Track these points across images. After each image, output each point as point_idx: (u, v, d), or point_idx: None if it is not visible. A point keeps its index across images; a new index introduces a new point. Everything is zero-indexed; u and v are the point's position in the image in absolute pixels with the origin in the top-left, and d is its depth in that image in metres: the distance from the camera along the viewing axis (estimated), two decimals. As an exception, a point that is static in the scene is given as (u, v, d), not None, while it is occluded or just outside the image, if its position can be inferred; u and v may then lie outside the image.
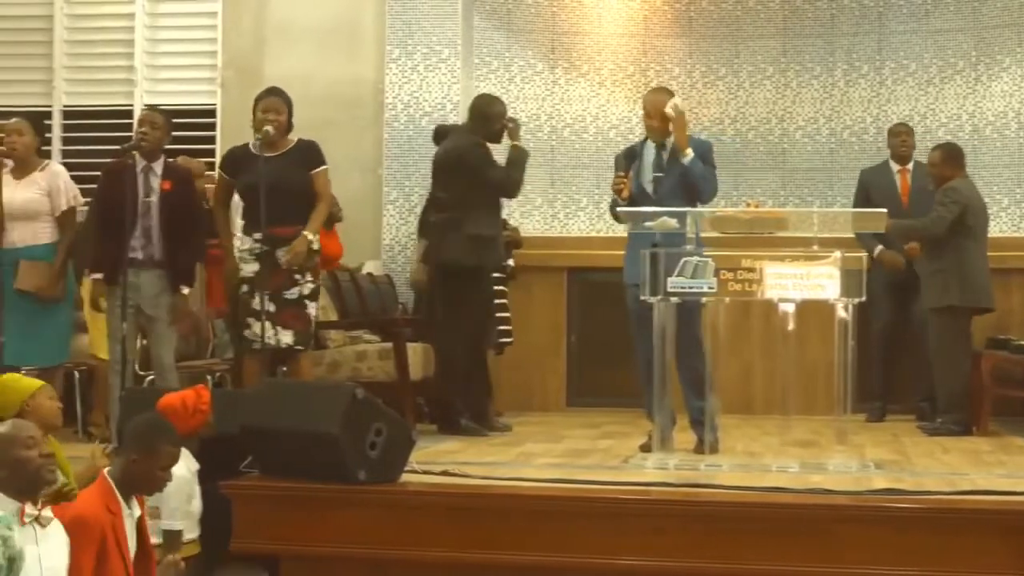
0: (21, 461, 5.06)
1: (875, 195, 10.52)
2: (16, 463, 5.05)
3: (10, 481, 5.05)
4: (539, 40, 12.24)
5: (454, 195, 9.54)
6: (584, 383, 11.62)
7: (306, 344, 8.59)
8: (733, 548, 6.44)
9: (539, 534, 6.62)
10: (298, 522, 6.84)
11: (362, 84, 11.89)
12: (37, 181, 9.05)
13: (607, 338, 11.11)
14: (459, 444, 8.90)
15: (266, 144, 8.49)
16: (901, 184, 10.77)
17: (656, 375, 7.74)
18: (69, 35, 12.33)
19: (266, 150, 8.50)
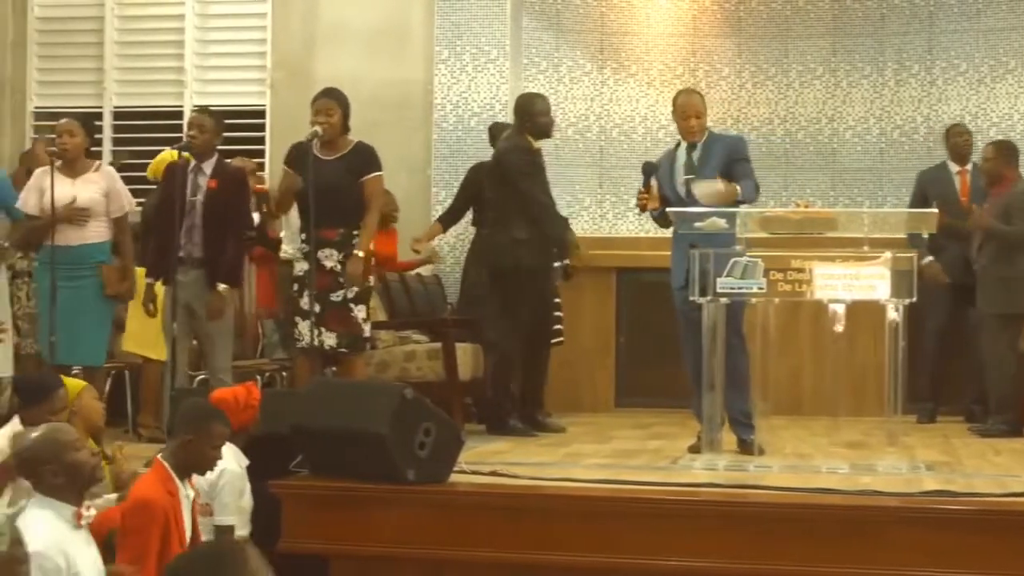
0: (76, 464, 5.10)
1: (934, 197, 10.39)
2: (72, 467, 5.08)
3: (67, 486, 5.07)
4: (588, 40, 12.24)
5: (497, 197, 9.60)
6: (633, 383, 11.61)
7: (352, 347, 8.58)
8: (782, 550, 6.42)
9: (587, 535, 6.61)
10: (347, 522, 6.86)
11: (411, 85, 11.91)
12: (95, 181, 9.05)
13: (656, 338, 11.08)
14: (507, 444, 8.91)
15: (323, 145, 8.53)
16: (960, 185, 10.67)
17: (704, 376, 7.72)
18: (120, 36, 12.40)
19: (324, 151, 8.53)
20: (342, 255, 8.52)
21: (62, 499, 5.05)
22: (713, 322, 7.67)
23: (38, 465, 5.10)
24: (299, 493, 6.96)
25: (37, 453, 5.14)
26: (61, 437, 5.19)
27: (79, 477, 5.11)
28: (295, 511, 6.91)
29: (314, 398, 7.33)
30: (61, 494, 5.06)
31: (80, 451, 5.15)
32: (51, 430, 5.31)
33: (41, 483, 5.10)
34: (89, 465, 5.15)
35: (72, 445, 5.14)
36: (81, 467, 5.11)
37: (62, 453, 5.09)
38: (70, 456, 5.10)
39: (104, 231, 9.07)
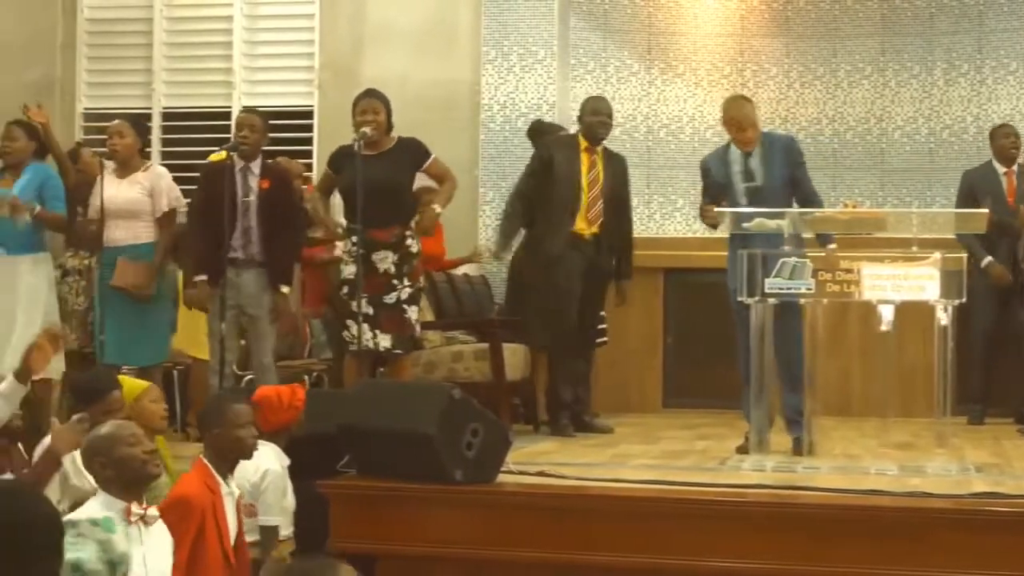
0: (125, 459, 5.14)
1: (981, 197, 10.34)
2: (121, 461, 5.13)
3: (117, 480, 5.12)
4: (635, 40, 12.23)
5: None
6: (681, 384, 11.60)
7: (406, 348, 8.64)
8: (830, 552, 6.40)
9: (634, 535, 6.61)
10: (394, 522, 6.87)
11: (458, 85, 11.92)
12: (140, 181, 9.12)
13: (704, 339, 11.08)
14: (554, 444, 8.91)
15: (368, 145, 8.55)
16: (1008, 186, 10.61)
17: (753, 376, 7.71)
18: (168, 37, 12.46)
19: (369, 151, 8.55)
20: (398, 256, 8.56)
21: (113, 493, 5.10)
22: (761, 323, 7.65)
23: (91, 457, 5.19)
24: (347, 493, 6.98)
25: (92, 446, 5.22)
26: (117, 432, 5.23)
27: (127, 472, 5.14)
28: (343, 511, 6.93)
29: (362, 398, 7.35)
30: (111, 488, 5.12)
31: (133, 447, 5.18)
32: (112, 425, 5.37)
33: (96, 476, 5.18)
34: (138, 461, 5.17)
35: (125, 440, 5.17)
36: (129, 462, 5.14)
37: (113, 447, 5.15)
38: (120, 451, 5.14)
39: (151, 231, 9.12)
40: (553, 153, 9.71)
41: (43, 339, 5.90)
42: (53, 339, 5.94)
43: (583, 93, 10.90)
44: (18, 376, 5.78)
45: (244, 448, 6.10)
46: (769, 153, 8.37)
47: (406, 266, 8.61)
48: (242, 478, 6.59)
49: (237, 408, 6.15)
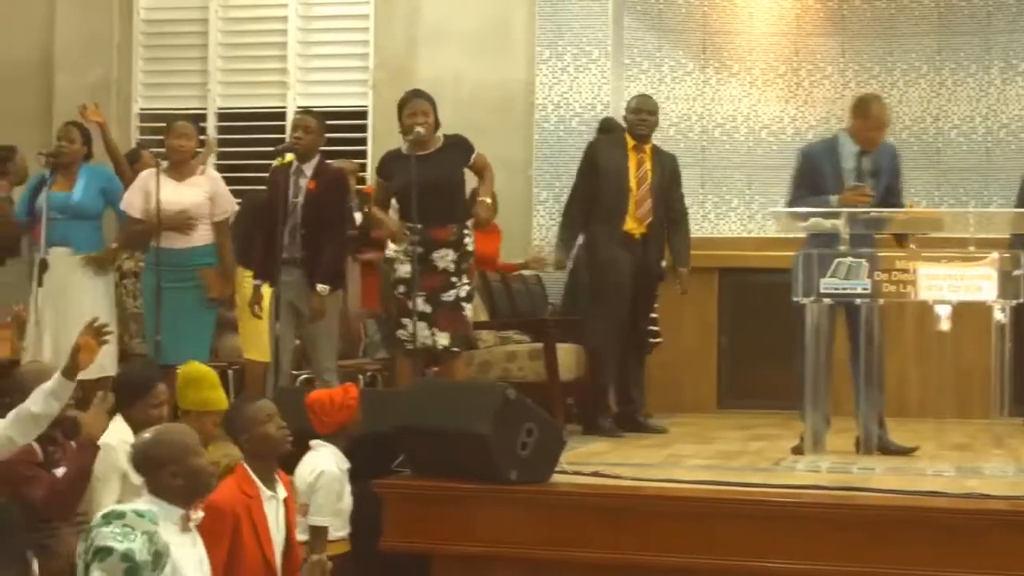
0: (196, 470, 5.10)
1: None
2: (192, 472, 5.08)
3: (183, 489, 5.07)
4: (690, 40, 12.20)
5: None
6: (735, 384, 11.56)
7: (462, 346, 8.68)
8: (886, 553, 6.38)
9: (689, 536, 6.61)
10: (449, 521, 6.89)
11: (512, 85, 11.93)
12: (201, 184, 9.12)
13: (759, 339, 11.05)
14: (608, 445, 8.91)
15: (416, 145, 8.57)
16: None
17: (808, 376, 7.69)
18: (224, 38, 12.51)
19: (416, 150, 8.57)
20: (457, 254, 8.59)
21: (173, 501, 5.04)
22: (816, 323, 7.63)
23: (159, 465, 5.07)
24: (401, 493, 7.01)
25: (160, 453, 5.11)
26: (185, 440, 5.17)
27: (197, 483, 5.11)
28: (397, 510, 6.95)
29: (416, 398, 7.38)
30: (174, 496, 5.05)
31: (201, 456, 5.15)
32: (175, 431, 5.31)
33: (157, 483, 5.08)
34: (207, 472, 5.16)
35: (194, 450, 5.13)
36: (200, 473, 5.11)
37: (185, 456, 5.08)
38: (193, 461, 5.09)
39: (208, 234, 9.12)
40: (598, 153, 9.72)
41: (87, 335, 5.92)
42: (97, 333, 5.95)
43: (637, 93, 10.87)
44: (65, 372, 5.80)
45: (274, 443, 6.01)
46: (881, 157, 8.35)
47: (464, 264, 8.65)
48: (299, 478, 6.62)
49: (255, 407, 6.12)
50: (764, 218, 11.81)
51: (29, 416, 5.72)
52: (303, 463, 6.67)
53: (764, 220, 11.81)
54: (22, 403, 5.95)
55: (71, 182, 9.26)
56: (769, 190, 11.92)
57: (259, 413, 6.02)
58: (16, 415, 5.76)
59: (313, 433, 6.76)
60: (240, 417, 6.04)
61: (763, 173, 12.04)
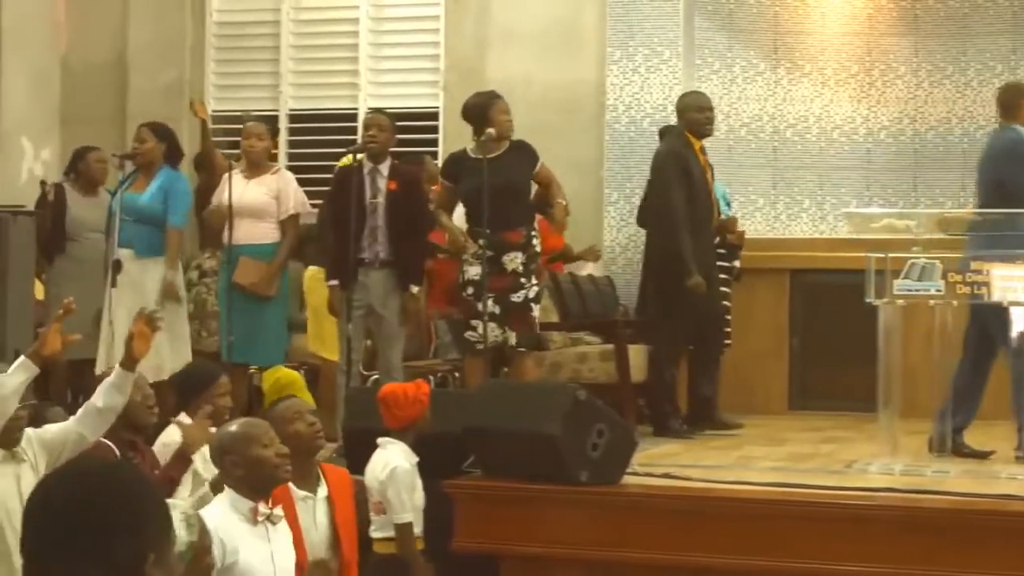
0: (259, 460, 5.15)
1: None
2: (253, 462, 5.14)
3: (246, 480, 5.14)
4: (761, 40, 12.15)
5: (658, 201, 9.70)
6: (807, 386, 11.50)
7: (530, 345, 8.69)
8: (960, 558, 6.33)
9: (759, 539, 6.58)
10: (519, 522, 6.90)
11: (583, 86, 11.91)
12: (267, 183, 9.18)
13: (831, 341, 10.99)
14: (678, 446, 8.89)
15: (484, 148, 8.58)
16: None
17: (881, 377, 7.63)
18: (295, 39, 12.57)
19: (486, 152, 8.57)
20: (526, 256, 8.59)
21: (241, 492, 5.12)
22: (889, 324, 7.58)
23: (223, 455, 5.20)
24: (471, 493, 7.02)
25: (224, 443, 5.24)
26: (250, 431, 5.25)
27: (259, 473, 5.16)
28: (467, 511, 6.96)
29: (486, 399, 7.39)
30: (240, 487, 5.13)
31: (267, 448, 5.19)
32: (247, 422, 5.40)
33: (224, 473, 5.20)
34: (271, 464, 5.19)
35: (259, 440, 5.19)
36: (262, 464, 5.16)
37: (246, 446, 5.16)
38: (254, 451, 5.16)
39: (274, 232, 9.18)
40: (688, 160, 9.63)
41: (140, 324, 5.94)
42: (148, 321, 5.97)
43: (709, 93, 10.83)
44: (124, 364, 5.83)
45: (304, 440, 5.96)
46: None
47: (532, 265, 8.67)
48: (371, 476, 6.64)
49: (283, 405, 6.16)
50: (836, 219, 11.75)
51: (95, 411, 5.76)
52: (373, 461, 6.70)
53: (836, 221, 11.74)
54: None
55: (147, 184, 9.29)
56: (841, 191, 11.86)
57: (287, 411, 6.03)
58: (84, 411, 5.81)
59: (384, 432, 6.77)
60: (269, 417, 6.05)
61: (835, 174, 11.98)
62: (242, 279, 9.02)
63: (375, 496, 6.63)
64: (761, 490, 6.92)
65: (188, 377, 7.11)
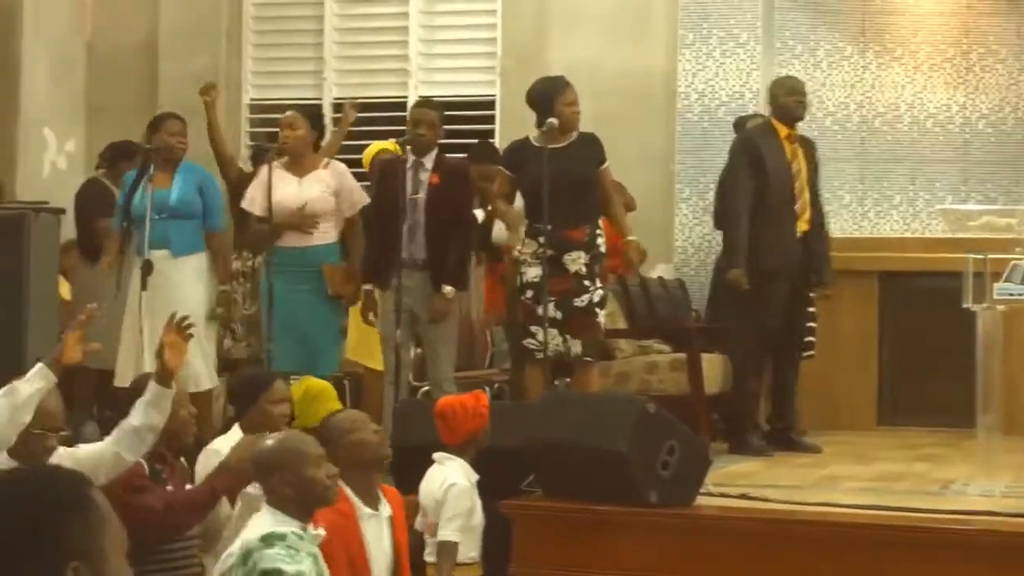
0: (309, 481, 5.13)
1: None
2: (304, 482, 5.12)
3: (293, 500, 5.12)
4: (848, 21, 12.10)
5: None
6: (898, 400, 11.42)
7: (596, 354, 8.67)
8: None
9: (847, 565, 6.54)
10: (583, 546, 6.87)
11: (652, 72, 11.90)
12: (324, 179, 9.13)
13: (924, 350, 10.92)
14: (758, 465, 8.86)
15: (548, 137, 8.57)
16: None
17: (979, 390, 7.58)
18: (340, 23, 12.60)
19: (550, 142, 8.56)
20: (589, 256, 8.58)
21: (287, 512, 5.09)
22: (987, 333, 7.53)
23: (270, 472, 5.16)
24: (532, 514, 6.99)
25: (272, 459, 5.20)
26: (302, 448, 5.23)
27: (309, 495, 5.14)
28: (527, 533, 6.94)
29: (548, 411, 7.37)
30: (286, 507, 5.11)
31: (320, 467, 5.18)
32: (295, 439, 5.38)
33: (271, 492, 5.16)
34: (323, 485, 5.17)
35: (312, 460, 5.17)
36: (314, 485, 5.14)
37: (298, 465, 5.13)
38: (306, 471, 5.13)
39: (332, 232, 9.14)
40: (760, 147, 9.61)
41: (171, 334, 5.96)
42: (179, 329, 5.99)
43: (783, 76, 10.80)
44: (159, 380, 5.85)
45: (372, 449, 6.02)
46: None
47: (597, 266, 8.63)
48: (426, 495, 6.63)
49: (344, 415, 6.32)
50: (930, 216, 11.68)
51: (132, 430, 5.78)
52: (429, 478, 6.70)
53: (930, 218, 11.68)
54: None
55: (169, 179, 9.28)
56: (935, 185, 11.80)
57: (347, 421, 6.08)
58: (120, 430, 5.83)
59: (435, 448, 6.77)
60: (331, 428, 6.06)
61: (928, 167, 11.91)
62: (341, 290, 9.04)
63: (431, 516, 6.62)
64: (848, 513, 6.88)
65: (241, 384, 7.14)
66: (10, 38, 11.76)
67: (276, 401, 6.76)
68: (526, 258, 8.63)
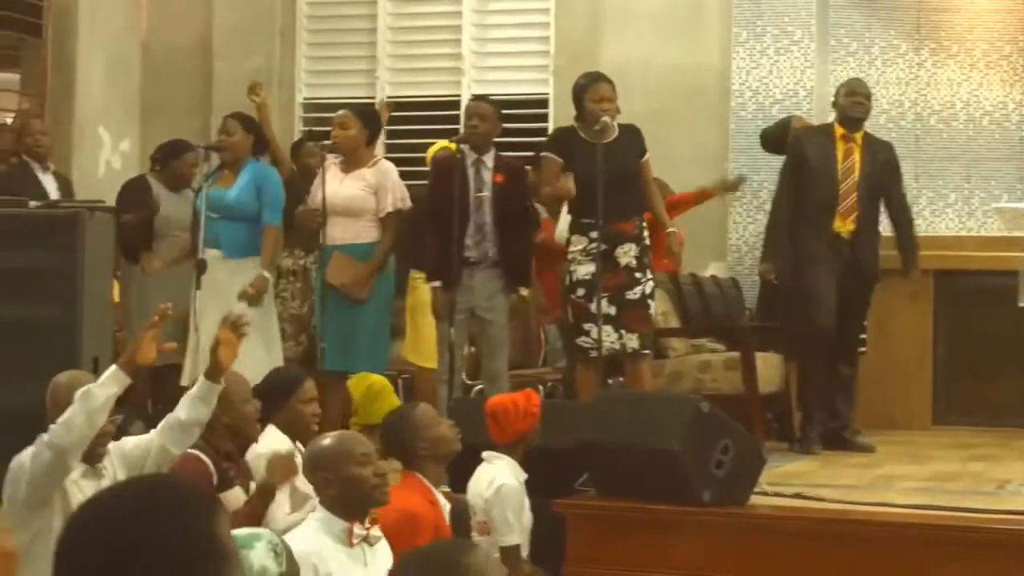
0: (354, 479, 5.15)
1: None
2: (349, 481, 5.14)
3: (340, 499, 5.14)
4: (903, 18, 12.04)
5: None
6: (953, 399, 11.36)
7: (651, 347, 8.68)
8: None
9: (901, 565, 6.52)
10: (637, 546, 6.87)
11: (706, 70, 11.88)
12: (365, 177, 9.19)
13: (979, 349, 10.86)
14: (812, 464, 8.84)
15: (601, 134, 8.57)
16: None
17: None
18: (393, 22, 12.62)
19: (600, 139, 8.56)
20: (639, 248, 8.58)
21: (334, 512, 5.12)
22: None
23: (315, 471, 5.20)
24: (585, 514, 7.00)
25: (318, 458, 5.24)
26: (347, 447, 5.24)
27: (353, 493, 5.16)
28: (580, 533, 6.94)
29: (600, 410, 7.37)
30: (333, 506, 5.14)
31: (364, 467, 5.19)
32: (345, 438, 5.41)
33: (319, 491, 5.20)
34: (368, 484, 5.19)
35: (356, 458, 5.18)
36: (358, 483, 5.16)
37: (341, 464, 5.15)
38: (349, 469, 5.15)
39: (372, 230, 9.18)
40: (805, 143, 9.62)
41: (225, 331, 5.98)
42: (234, 327, 6.01)
43: (844, 77, 10.77)
44: (209, 375, 5.88)
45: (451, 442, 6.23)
46: None
47: (646, 258, 8.65)
48: (474, 494, 6.65)
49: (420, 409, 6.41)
50: (985, 215, 11.61)
51: (178, 424, 5.81)
52: (477, 477, 6.71)
53: (985, 217, 11.61)
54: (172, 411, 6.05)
55: (234, 179, 9.35)
56: (991, 183, 11.73)
57: (427, 416, 6.15)
58: (166, 423, 5.86)
59: (487, 446, 6.78)
60: (408, 423, 6.10)
61: (984, 165, 11.84)
62: (334, 278, 9.04)
63: (479, 515, 6.63)
64: (903, 513, 6.85)
65: (270, 384, 7.16)
66: (66, 38, 11.83)
67: (307, 400, 6.77)
68: (575, 256, 8.63)
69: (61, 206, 9.08)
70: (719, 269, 11.44)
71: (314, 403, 6.83)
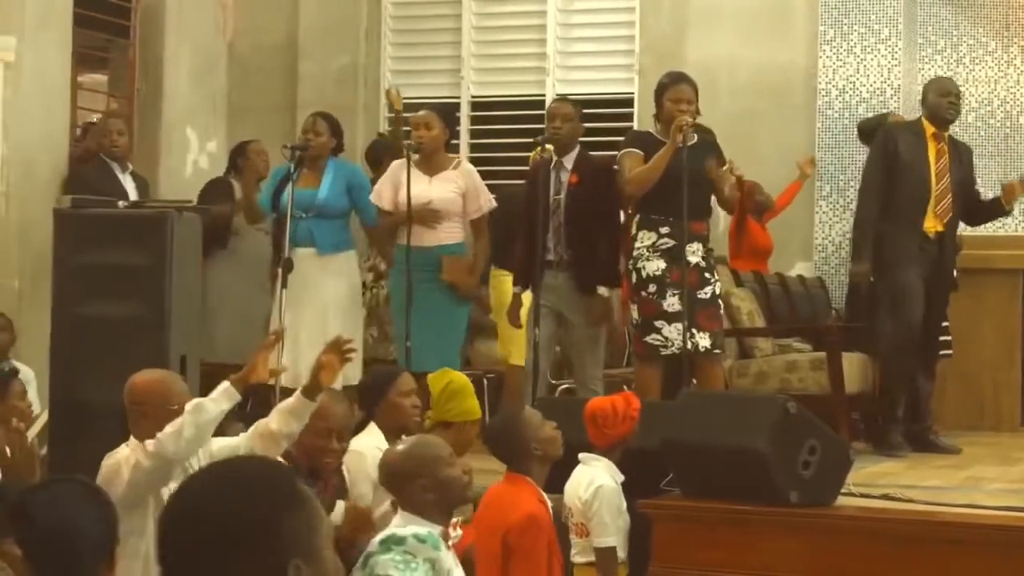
0: (450, 481, 5.17)
1: None
2: (445, 483, 5.15)
3: (438, 503, 5.14)
4: (991, 16, 11.95)
5: None
6: (1042, 400, 11.31)
7: (723, 347, 8.68)
8: None
9: (993, 568, 6.47)
10: (723, 546, 6.85)
11: (792, 69, 11.84)
12: (454, 180, 9.18)
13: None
14: (899, 465, 8.79)
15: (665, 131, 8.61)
16: None
17: None
18: (478, 21, 12.64)
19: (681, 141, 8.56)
20: (704, 248, 8.60)
21: (428, 517, 5.09)
22: None
23: (407, 480, 5.15)
24: (671, 514, 6.99)
25: (407, 467, 5.20)
26: (433, 451, 5.25)
27: (450, 494, 5.17)
28: (667, 533, 6.93)
29: (687, 410, 7.35)
30: (428, 512, 5.11)
31: (454, 467, 5.21)
32: (424, 443, 5.40)
33: (409, 499, 5.15)
34: (461, 483, 5.21)
35: (445, 460, 5.20)
36: (453, 484, 5.17)
37: (435, 468, 5.15)
38: (444, 472, 5.16)
39: (459, 232, 9.20)
40: (897, 142, 9.56)
41: (331, 354, 6.02)
42: (340, 351, 6.05)
43: (932, 75, 10.71)
44: (306, 392, 5.91)
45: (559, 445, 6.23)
46: None
47: (711, 259, 8.71)
48: (571, 496, 6.65)
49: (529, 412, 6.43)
50: (1075, 214, 11.52)
51: (268, 433, 5.86)
52: (575, 478, 6.71)
53: None
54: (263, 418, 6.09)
55: (317, 178, 9.39)
56: (1081, 182, 11.62)
57: (535, 416, 6.18)
58: (256, 430, 5.90)
59: (577, 447, 6.78)
60: (520, 426, 6.15)
61: (1075, 163, 11.75)
62: (456, 277, 9.08)
63: (576, 517, 6.64)
64: (993, 515, 6.80)
65: (366, 384, 7.19)
66: (154, 39, 11.92)
67: (406, 393, 6.82)
68: (642, 251, 8.62)
69: (149, 206, 9.16)
70: (805, 269, 11.40)
71: (413, 395, 6.87)
